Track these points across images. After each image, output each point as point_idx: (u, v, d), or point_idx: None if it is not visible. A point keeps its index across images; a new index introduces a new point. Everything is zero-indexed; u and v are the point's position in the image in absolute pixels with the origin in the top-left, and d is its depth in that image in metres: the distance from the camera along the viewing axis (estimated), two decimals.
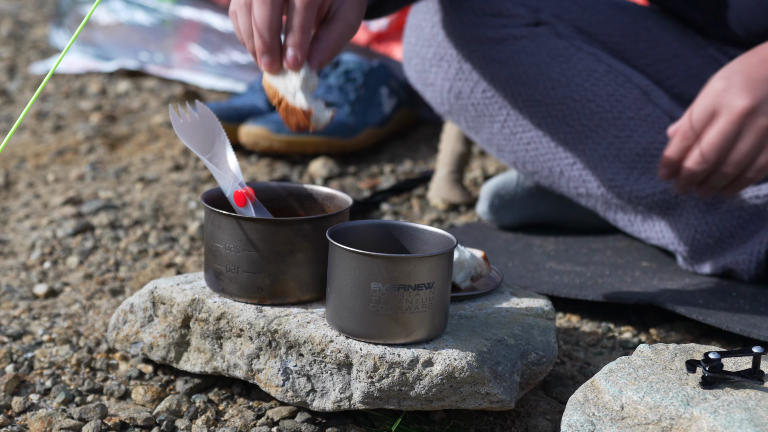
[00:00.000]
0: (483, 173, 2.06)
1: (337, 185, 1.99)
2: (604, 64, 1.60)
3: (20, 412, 1.24)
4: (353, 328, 1.17)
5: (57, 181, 1.99)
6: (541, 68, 1.60)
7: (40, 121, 2.33)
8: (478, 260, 1.33)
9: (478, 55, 1.62)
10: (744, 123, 1.40)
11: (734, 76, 1.42)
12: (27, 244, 1.70)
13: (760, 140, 1.41)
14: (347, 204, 1.29)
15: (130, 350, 1.31)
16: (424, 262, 1.14)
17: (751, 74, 1.41)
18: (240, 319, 1.22)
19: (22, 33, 3.04)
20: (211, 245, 1.25)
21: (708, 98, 1.43)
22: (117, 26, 2.68)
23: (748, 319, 1.40)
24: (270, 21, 1.18)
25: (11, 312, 1.48)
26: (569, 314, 1.51)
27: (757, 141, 1.41)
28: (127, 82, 2.57)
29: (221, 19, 2.57)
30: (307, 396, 1.20)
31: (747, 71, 1.41)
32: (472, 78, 1.63)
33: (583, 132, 1.58)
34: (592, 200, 1.62)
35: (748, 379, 1.12)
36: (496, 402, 1.17)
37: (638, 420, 1.08)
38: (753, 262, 1.51)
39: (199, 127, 1.27)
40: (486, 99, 1.63)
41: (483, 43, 1.62)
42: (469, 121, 1.67)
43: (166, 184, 1.97)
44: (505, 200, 1.72)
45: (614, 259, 1.61)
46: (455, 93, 1.65)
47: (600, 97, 1.58)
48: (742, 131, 1.41)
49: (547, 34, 1.62)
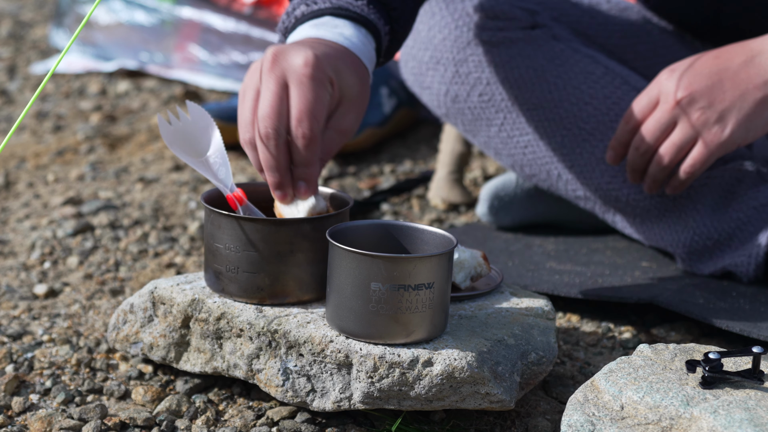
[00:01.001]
0: (483, 173, 2.06)
1: (337, 185, 1.99)
2: (601, 67, 1.60)
3: (20, 412, 1.24)
4: (353, 328, 1.17)
5: (57, 181, 1.99)
6: (538, 71, 1.60)
7: (40, 121, 2.33)
8: (478, 260, 1.33)
9: (474, 58, 1.61)
10: (678, 114, 1.42)
11: (679, 68, 1.44)
12: (27, 244, 1.70)
13: (694, 132, 1.43)
14: (347, 204, 1.28)
15: (130, 350, 1.31)
16: (424, 262, 1.14)
17: (695, 67, 1.43)
18: (240, 319, 1.22)
19: (22, 33, 3.04)
20: (211, 245, 1.25)
21: (652, 86, 1.46)
22: (117, 26, 2.68)
23: (748, 319, 1.40)
24: (277, 162, 1.20)
25: (11, 312, 1.48)
26: (569, 314, 1.51)
27: (691, 133, 1.43)
28: (127, 82, 2.57)
29: (221, 19, 2.57)
30: (307, 396, 1.20)
31: (693, 64, 1.43)
32: (469, 81, 1.62)
33: (580, 135, 1.58)
34: (590, 202, 1.62)
35: (748, 379, 1.11)
36: (496, 402, 1.17)
37: (638, 420, 1.08)
38: (752, 264, 1.51)
39: (192, 129, 1.27)
40: (483, 102, 1.62)
41: (479, 46, 1.61)
42: (467, 125, 1.67)
43: (166, 184, 1.97)
44: (504, 202, 1.72)
45: (614, 259, 1.61)
46: (452, 96, 1.65)
47: (597, 100, 1.58)
48: (677, 122, 1.43)
49: (545, 37, 1.62)
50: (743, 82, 1.41)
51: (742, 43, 1.44)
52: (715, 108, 1.41)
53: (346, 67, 1.23)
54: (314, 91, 1.19)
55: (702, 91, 1.42)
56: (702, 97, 1.42)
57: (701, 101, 1.42)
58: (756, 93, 1.41)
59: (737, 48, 1.44)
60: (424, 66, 1.66)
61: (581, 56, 1.60)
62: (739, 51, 1.43)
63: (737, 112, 1.41)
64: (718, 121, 1.42)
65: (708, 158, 1.44)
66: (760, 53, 1.42)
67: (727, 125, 1.42)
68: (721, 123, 1.41)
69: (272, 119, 1.19)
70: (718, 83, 1.42)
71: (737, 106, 1.41)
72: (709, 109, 1.42)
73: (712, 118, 1.42)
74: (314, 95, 1.19)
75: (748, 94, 1.41)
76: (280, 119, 1.19)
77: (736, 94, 1.41)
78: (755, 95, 1.41)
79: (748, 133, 1.42)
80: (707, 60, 1.43)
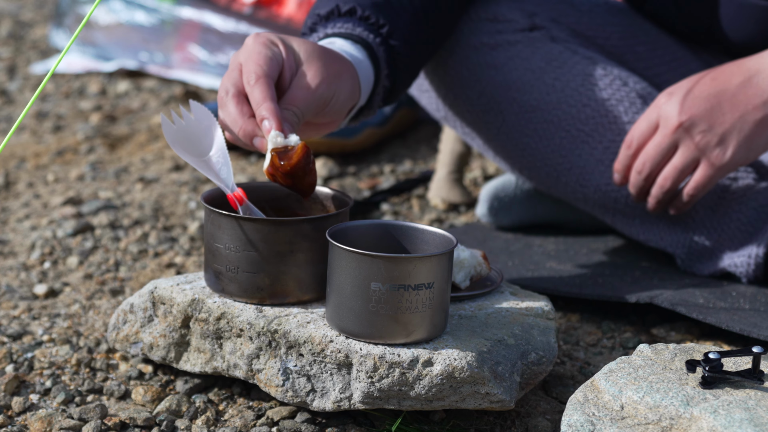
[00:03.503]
0: (483, 173, 2.06)
1: (337, 185, 1.99)
2: (599, 68, 1.59)
3: (20, 412, 1.24)
4: (353, 328, 1.17)
5: (57, 181, 1.99)
6: (536, 73, 1.59)
7: (40, 121, 2.33)
8: (478, 260, 1.33)
9: (472, 61, 1.61)
10: (679, 138, 1.44)
11: (678, 91, 1.46)
12: (27, 244, 1.70)
13: (694, 156, 1.45)
14: (347, 204, 1.28)
15: (130, 350, 1.31)
16: (424, 262, 1.14)
17: (693, 91, 1.44)
18: (240, 319, 1.22)
19: (22, 33, 3.04)
20: (211, 245, 1.25)
21: (651, 111, 1.47)
22: (117, 26, 2.68)
23: (748, 318, 1.40)
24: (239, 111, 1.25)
25: (11, 312, 1.48)
26: (569, 314, 1.51)
27: (692, 157, 1.45)
28: (127, 82, 2.57)
29: (221, 19, 2.57)
30: (307, 396, 1.20)
31: (691, 87, 1.45)
32: (467, 84, 1.62)
33: (579, 137, 1.58)
34: (589, 204, 1.61)
35: (748, 379, 1.12)
36: (496, 402, 1.17)
37: (638, 420, 1.08)
38: (752, 265, 1.51)
39: (195, 128, 1.27)
40: (481, 105, 1.62)
41: (478, 49, 1.61)
42: (465, 127, 1.67)
43: (166, 184, 1.97)
44: (504, 203, 1.72)
45: (614, 259, 1.61)
46: (450, 99, 1.64)
47: (596, 102, 1.57)
48: (678, 146, 1.44)
49: (543, 39, 1.61)
50: (742, 104, 1.42)
51: (738, 62, 1.45)
52: (715, 131, 1.43)
53: (294, 38, 1.31)
54: (255, 47, 1.26)
55: (701, 114, 1.43)
56: (702, 120, 1.43)
57: (701, 125, 1.43)
58: (755, 114, 1.42)
59: (734, 68, 1.44)
60: (423, 69, 1.65)
61: (580, 58, 1.60)
62: (735, 71, 1.44)
63: (738, 133, 1.42)
64: (719, 144, 1.43)
65: (710, 181, 1.46)
66: (757, 73, 1.42)
67: (728, 148, 1.43)
68: (723, 146, 1.43)
69: (224, 81, 1.26)
70: (717, 106, 1.43)
71: (737, 127, 1.42)
72: (709, 133, 1.43)
73: (713, 141, 1.43)
74: (255, 49, 1.26)
75: (748, 116, 1.42)
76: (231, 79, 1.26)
77: (736, 115, 1.42)
78: (755, 116, 1.42)
79: (750, 153, 1.44)
80: (705, 82, 1.44)
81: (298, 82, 1.27)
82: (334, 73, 1.29)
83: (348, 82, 1.31)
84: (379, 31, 1.40)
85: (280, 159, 1.22)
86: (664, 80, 1.66)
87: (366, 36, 1.39)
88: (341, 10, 1.41)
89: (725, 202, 1.54)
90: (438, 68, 1.64)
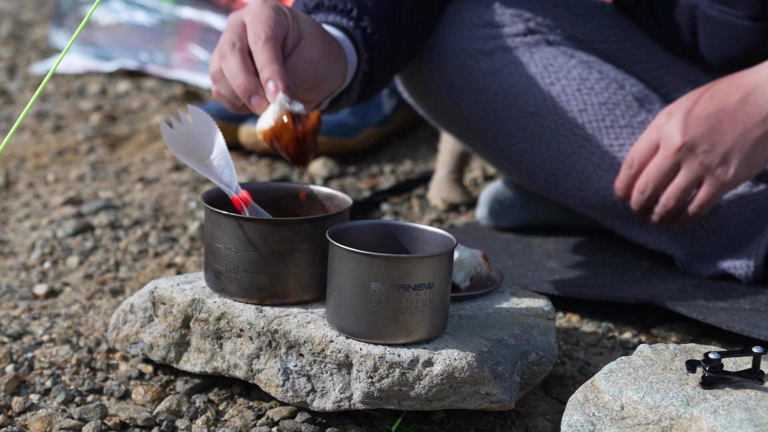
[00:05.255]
0: (483, 173, 2.06)
1: (337, 185, 1.99)
2: (596, 72, 1.59)
3: (20, 412, 1.25)
4: (353, 328, 1.17)
5: (57, 181, 1.99)
6: (532, 79, 1.59)
7: (40, 121, 2.33)
8: (478, 260, 1.33)
9: (468, 68, 1.60)
10: (681, 158, 1.45)
11: (677, 111, 1.46)
12: (27, 244, 1.70)
13: (697, 176, 1.45)
14: (347, 204, 1.28)
15: (130, 350, 1.31)
16: (424, 262, 1.14)
17: (693, 110, 1.45)
18: (240, 319, 1.22)
19: (22, 33, 3.04)
20: (211, 245, 1.25)
21: (651, 131, 1.48)
22: (117, 26, 2.68)
23: (748, 319, 1.40)
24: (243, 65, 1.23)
25: (11, 312, 1.48)
26: (569, 314, 1.51)
27: (694, 177, 1.45)
28: (127, 82, 2.57)
29: (221, 19, 2.57)
30: (307, 396, 1.20)
31: (691, 107, 1.45)
32: (463, 91, 1.61)
33: (576, 141, 1.58)
34: (589, 209, 1.61)
35: (748, 379, 1.12)
36: (496, 402, 1.17)
37: (638, 420, 1.08)
38: (751, 267, 1.51)
39: (194, 133, 1.27)
40: (478, 111, 1.61)
41: (473, 56, 1.60)
42: (463, 134, 1.66)
43: (166, 184, 1.97)
44: (504, 205, 1.72)
45: (614, 259, 1.61)
46: (447, 106, 1.64)
47: (592, 106, 1.57)
48: (680, 166, 1.45)
49: (538, 43, 1.61)
50: (741, 122, 1.42)
51: (734, 77, 1.45)
52: (716, 151, 1.43)
53: (299, 11, 1.30)
54: (264, 9, 1.25)
55: (703, 134, 1.44)
56: (703, 141, 1.44)
57: (702, 145, 1.44)
58: (755, 131, 1.42)
59: (731, 84, 1.44)
60: (419, 76, 1.65)
61: (576, 62, 1.60)
62: (733, 88, 1.44)
63: (739, 152, 1.43)
64: (721, 164, 1.43)
65: (714, 199, 1.46)
66: (754, 90, 1.43)
67: (730, 166, 1.43)
68: (725, 165, 1.43)
69: (227, 35, 1.24)
70: (717, 125, 1.43)
71: (738, 146, 1.43)
72: (711, 153, 1.43)
73: (715, 161, 1.43)
74: (264, 11, 1.25)
75: (748, 133, 1.42)
76: (236, 33, 1.24)
77: (736, 134, 1.43)
78: (755, 133, 1.42)
79: (751, 170, 1.45)
80: (704, 101, 1.45)
81: (300, 53, 1.27)
82: (333, 52, 1.31)
83: (341, 63, 1.33)
84: (350, 15, 1.41)
85: (295, 123, 1.21)
86: (663, 83, 1.66)
87: (340, 21, 1.40)
88: (308, 7, 1.42)
89: (724, 204, 1.54)
90: (433, 76, 1.63)
